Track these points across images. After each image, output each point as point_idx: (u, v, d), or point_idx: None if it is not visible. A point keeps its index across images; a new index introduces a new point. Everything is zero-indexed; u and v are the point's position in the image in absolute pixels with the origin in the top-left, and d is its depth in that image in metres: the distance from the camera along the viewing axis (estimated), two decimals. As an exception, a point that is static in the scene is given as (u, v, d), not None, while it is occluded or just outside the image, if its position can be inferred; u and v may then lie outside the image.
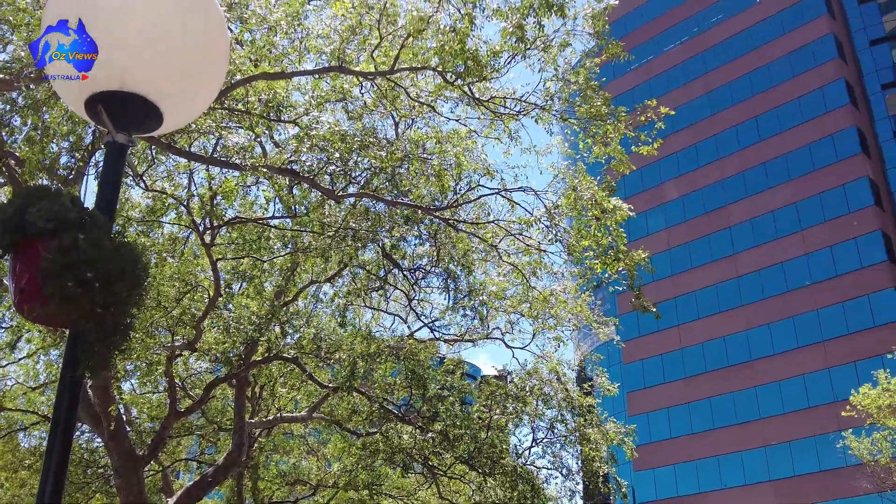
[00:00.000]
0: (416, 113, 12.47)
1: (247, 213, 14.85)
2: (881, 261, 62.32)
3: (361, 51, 11.03)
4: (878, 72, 69.99)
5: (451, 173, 11.86)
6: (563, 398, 19.50)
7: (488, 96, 11.59)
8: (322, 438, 31.58)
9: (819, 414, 59.46)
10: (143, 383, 19.81)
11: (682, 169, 77.50)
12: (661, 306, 74.34)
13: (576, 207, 11.47)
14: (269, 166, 10.63)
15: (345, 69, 10.56)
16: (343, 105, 12.12)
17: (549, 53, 10.44)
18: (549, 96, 11.13)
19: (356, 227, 14.30)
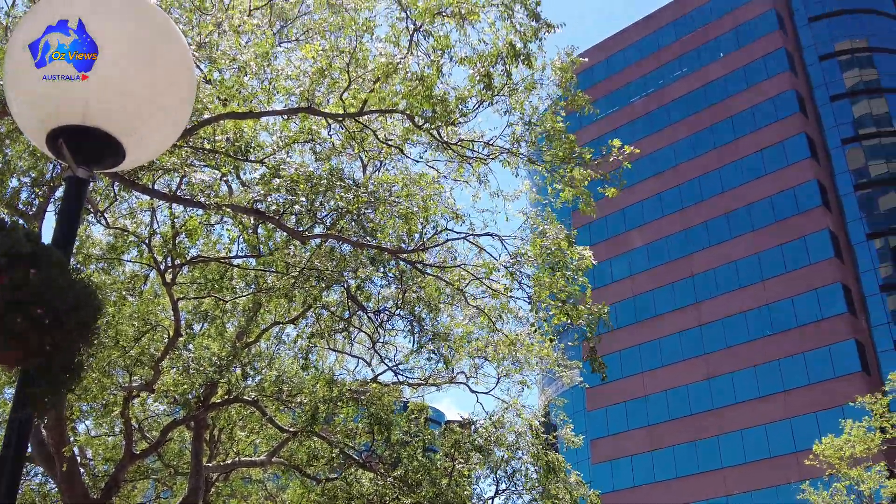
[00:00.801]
0: (385, 155, 12.49)
1: (210, 252, 14.68)
2: (841, 312, 63.17)
3: (331, 93, 11.05)
4: (838, 126, 71.65)
5: (418, 217, 11.85)
6: (530, 451, 19.34)
7: (456, 140, 11.65)
8: (281, 484, 31.06)
9: (781, 464, 59.66)
10: (99, 424, 19.35)
11: (646, 218, 78.37)
12: (625, 353, 75.03)
13: (541, 255, 11.51)
14: (234, 206, 10.54)
15: (314, 110, 10.56)
16: (311, 146, 12.10)
17: (515, 98, 10.54)
18: (516, 140, 11.22)
19: (321, 267, 14.20)
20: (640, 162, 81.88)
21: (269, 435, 23.83)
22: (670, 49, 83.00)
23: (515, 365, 22.43)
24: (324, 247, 14.81)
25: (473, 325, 18.01)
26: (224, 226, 13.51)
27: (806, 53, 75.95)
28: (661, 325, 73.11)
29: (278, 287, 14.89)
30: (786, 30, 76.64)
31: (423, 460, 17.67)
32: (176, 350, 16.57)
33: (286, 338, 20.81)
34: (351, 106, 10.87)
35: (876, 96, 71.91)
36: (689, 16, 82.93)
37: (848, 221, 68.15)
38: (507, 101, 10.74)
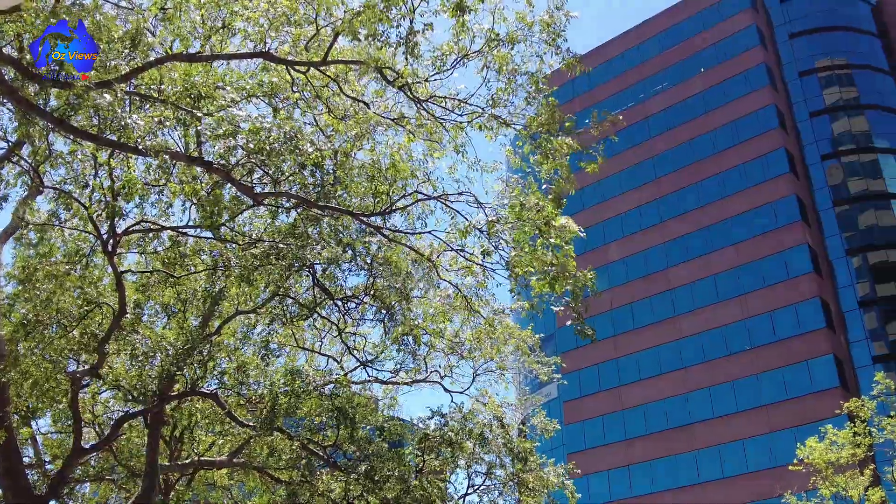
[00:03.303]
0: (352, 113, 11.44)
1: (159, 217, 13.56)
2: (820, 327, 62.79)
3: (294, 45, 10.06)
4: (817, 142, 71.59)
5: (385, 175, 10.84)
6: (502, 442, 18.34)
7: (429, 98, 10.65)
8: (246, 490, 29.88)
9: (759, 479, 58.91)
10: (43, 414, 18.16)
11: (625, 231, 77.93)
12: (603, 367, 74.28)
13: (520, 217, 10.53)
14: (176, 153, 9.49)
15: (273, 56, 9.56)
16: (270, 101, 11.07)
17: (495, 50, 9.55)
18: (494, 101, 10.25)
19: (283, 246, 13.12)
20: (620, 175, 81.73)
21: (232, 434, 22.66)
22: (652, 62, 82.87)
23: (492, 364, 21.48)
24: (285, 223, 13.78)
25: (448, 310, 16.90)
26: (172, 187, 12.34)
27: (786, 70, 76.02)
28: (640, 338, 72.50)
29: (238, 265, 13.80)
30: (767, 46, 76.73)
31: (389, 454, 16.55)
32: (122, 331, 15.37)
33: (246, 328, 19.64)
34: (315, 56, 9.86)
35: (855, 113, 71.98)
36: (672, 30, 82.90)
37: (827, 237, 67.96)
38: (486, 56, 9.79)
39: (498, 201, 11.74)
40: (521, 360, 20.42)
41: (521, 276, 11.73)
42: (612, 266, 76.02)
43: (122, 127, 9.32)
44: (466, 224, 11.85)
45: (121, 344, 16.25)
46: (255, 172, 10.62)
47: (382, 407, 24.10)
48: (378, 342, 20.91)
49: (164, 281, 16.84)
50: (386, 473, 15.78)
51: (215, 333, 18.39)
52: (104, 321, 16.74)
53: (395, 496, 15.96)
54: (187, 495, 26.80)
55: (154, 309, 19.90)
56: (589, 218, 73.73)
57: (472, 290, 14.95)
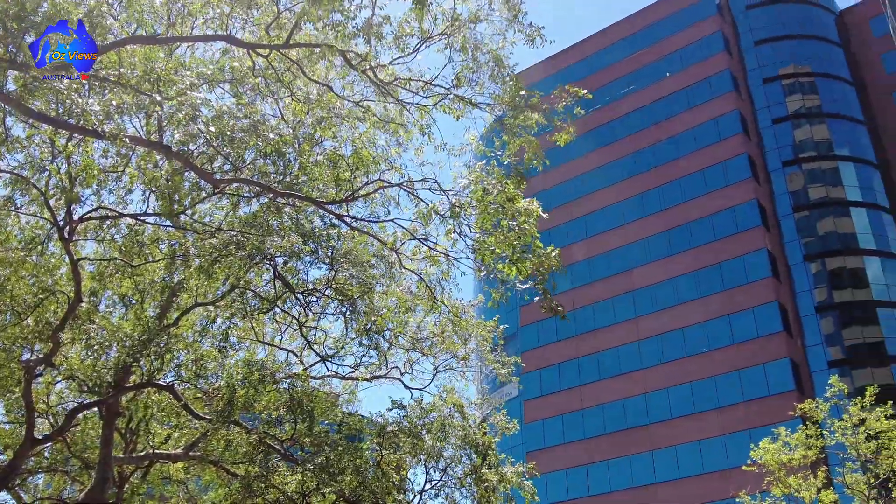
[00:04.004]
0: (316, 97, 11.32)
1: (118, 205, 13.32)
2: (777, 331, 63.65)
3: (255, 26, 9.93)
4: (779, 149, 72.52)
5: (347, 161, 10.75)
6: (462, 435, 18.30)
7: (393, 81, 10.58)
8: (202, 484, 29.61)
9: (714, 480, 59.60)
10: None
11: (588, 232, 78.39)
12: (564, 367, 74.73)
13: (483, 201, 10.50)
14: (135, 137, 9.34)
15: (235, 39, 9.43)
16: (232, 87, 10.92)
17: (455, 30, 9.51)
18: (458, 78, 10.21)
19: (244, 237, 12.96)
20: (585, 176, 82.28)
21: (187, 428, 22.39)
22: (620, 66, 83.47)
23: (452, 360, 21.48)
24: (247, 215, 13.62)
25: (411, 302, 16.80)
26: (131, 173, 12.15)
27: (750, 76, 76.91)
28: (601, 338, 72.99)
29: (197, 255, 13.62)
30: (732, 52, 77.61)
31: (346, 446, 16.44)
32: (77, 320, 15.10)
33: (205, 321, 19.40)
34: (277, 38, 9.75)
35: (817, 121, 73.02)
36: (639, 34, 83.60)
37: (786, 242, 68.88)
38: (449, 37, 9.75)
39: (461, 186, 11.70)
40: (482, 359, 20.43)
41: (486, 264, 11.72)
42: (575, 266, 76.39)
43: (80, 111, 9.12)
44: (429, 207, 11.79)
45: (76, 333, 15.97)
46: (216, 160, 10.48)
47: (342, 402, 23.99)
48: (339, 337, 20.80)
49: (122, 270, 16.58)
50: (342, 466, 15.66)
51: (173, 325, 18.15)
52: (59, 310, 16.46)
53: (352, 489, 15.85)
54: (142, 488, 26.47)
55: (111, 299, 19.61)
56: (554, 218, 74.06)
57: (436, 280, 14.90)
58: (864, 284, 65.35)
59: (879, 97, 73.55)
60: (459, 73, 10.51)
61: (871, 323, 63.86)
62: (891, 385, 58.54)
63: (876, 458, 31.09)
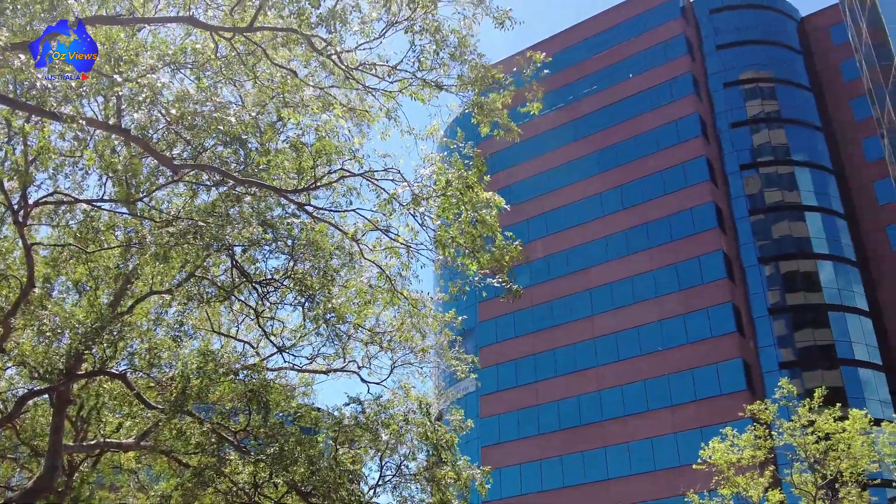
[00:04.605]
0: (279, 82, 11.16)
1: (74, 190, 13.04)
2: (730, 332, 64.56)
3: (218, 9, 9.76)
4: (737, 153, 73.48)
5: (309, 149, 10.62)
6: (419, 431, 18.25)
7: (358, 67, 10.48)
8: (154, 474, 29.26)
9: (665, 477, 60.35)
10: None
11: (549, 230, 78.77)
12: (521, 363, 75.06)
13: (445, 192, 10.45)
14: (94, 120, 9.12)
15: (198, 21, 9.25)
16: (193, 70, 10.72)
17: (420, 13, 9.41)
18: (421, 62, 10.13)
19: (202, 225, 12.75)
20: (545, 175, 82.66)
21: (139, 417, 22.06)
22: (584, 65, 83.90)
23: (410, 356, 21.41)
24: (206, 204, 13.41)
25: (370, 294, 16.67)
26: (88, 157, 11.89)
27: (711, 80, 77.81)
28: (558, 335, 73.44)
29: (153, 243, 13.37)
30: (694, 56, 78.40)
31: (299, 436, 16.29)
32: (30, 306, 14.78)
33: (159, 309, 19.12)
34: (240, 21, 9.59)
35: (775, 126, 74.11)
36: (603, 34, 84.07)
37: (741, 245, 69.87)
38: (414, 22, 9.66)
39: (422, 176, 11.64)
40: (440, 355, 20.40)
41: (446, 255, 11.68)
42: (535, 263, 76.81)
43: (38, 91, 8.87)
44: (390, 194, 11.70)
45: (28, 319, 15.63)
46: (175, 146, 10.29)
47: (298, 394, 23.81)
48: (297, 328, 20.61)
49: (76, 256, 16.25)
50: (295, 456, 15.52)
51: (127, 313, 17.86)
52: (11, 295, 16.10)
53: (304, 479, 15.72)
54: (92, 477, 26.07)
55: (65, 285, 19.27)
56: (515, 215, 74.40)
57: (396, 271, 14.83)
58: (817, 288, 66.55)
59: (837, 104, 74.89)
60: (422, 56, 10.44)
61: (822, 326, 65.09)
62: (840, 387, 59.79)
63: (824, 459, 31.66)
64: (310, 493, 16.85)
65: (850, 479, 31.32)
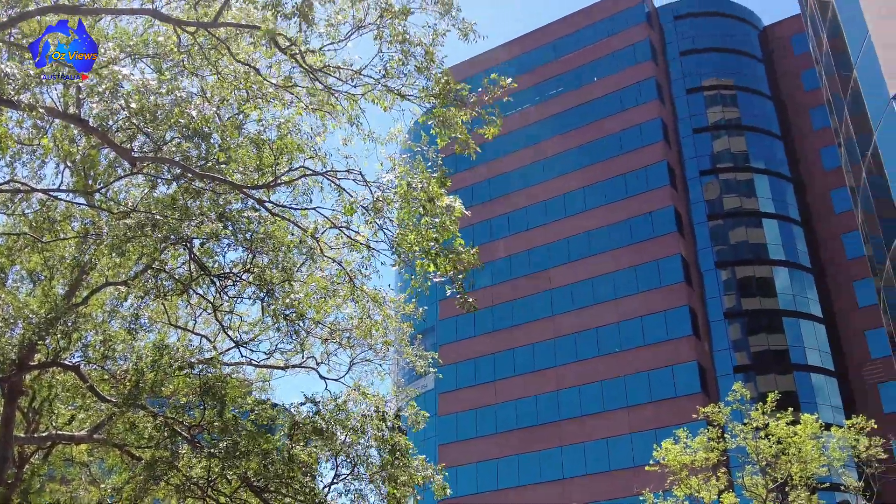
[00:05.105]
0: (243, 77, 11.10)
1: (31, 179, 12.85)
2: (686, 335, 65.39)
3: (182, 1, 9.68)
4: (698, 158, 74.43)
5: (271, 146, 10.58)
6: (374, 434, 18.24)
7: (323, 68, 10.46)
8: (106, 467, 28.91)
9: (620, 477, 60.94)
10: None
11: (511, 230, 79.09)
12: (480, 361, 75.27)
13: (406, 199, 10.49)
14: (52, 109, 9.00)
15: (160, 14, 9.17)
16: (155, 61, 10.63)
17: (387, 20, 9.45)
18: (387, 70, 10.16)
19: (160, 218, 12.65)
20: (511, 174, 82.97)
21: (92, 409, 21.79)
22: (548, 68, 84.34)
23: (370, 353, 21.40)
24: (165, 196, 13.30)
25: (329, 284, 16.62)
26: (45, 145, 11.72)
27: (674, 86, 78.71)
28: (518, 335, 73.79)
29: (110, 235, 13.23)
30: (658, 61, 79.19)
31: (253, 432, 16.21)
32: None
33: (115, 301, 18.90)
34: (204, 16, 9.53)
35: (735, 133, 75.19)
36: (570, 37, 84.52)
37: (699, 249, 70.79)
38: (381, 29, 9.68)
39: (386, 179, 11.66)
40: (399, 351, 20.41)
41: (405, 254, 11.71)
42: (497, 263, 77.11)
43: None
44: (352, 200, 11.72)
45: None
46: (136, 138, 10.19)
47: (255, 390, 23.67)
48: (255, 322, 20.50)
49: (32, 245, 16.01)
50: (248, 451, 15.44)
51: (82, 304, 17.64)
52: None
53: (256, 472, 15.65)
54: (43, 470, 25.71)
55: (19, 274, 18.99)
56: (477, 214, 74.66)
57: (356, 268, 14.81)
58: (772, 293, 67.67)
59: (797, 113, 76.16)
60: (389, 65, 10.46)
61: (776, 331, 66.22)
62: (792, 392, 60.87)
63: (775, 462, 32.20)
64: (263, 489, 16.79)
65: (799, 482, 31.91)
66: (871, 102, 28.46)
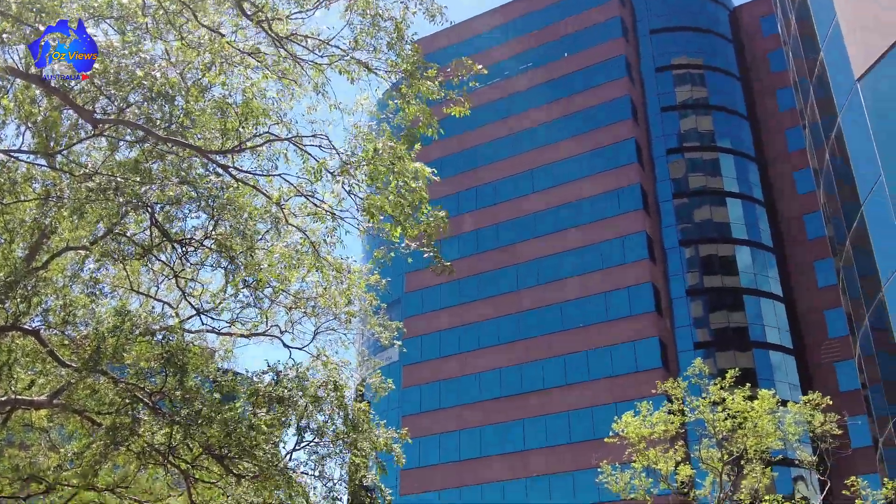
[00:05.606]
0: (208, 42, 10.96)
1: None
2: (649, 311, 66.14)
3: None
4: (665, 136, 74.91)
5: (235, 110, 10.49)
6: (336, 402, 18.28)
7: (289, 36, 10.37)
8: (66, 433, 28.73)
9: (580, 449, 61.69)
10: None
11: (479, 203, 79.18)
12: (445, 334, 75.61)
13: (373, 161, 10.46)
14: (12, 69, 8.86)
15: (124, -26, 9.03)
16: (119, 23, 10.45)
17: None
18: (357, 41, 10.10)
19: (122, 181, 12.51)
20: (479, 148, 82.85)
21: (52, 375, 21.59)
22: (518, 42, 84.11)
23: (334, 322, 21.38)
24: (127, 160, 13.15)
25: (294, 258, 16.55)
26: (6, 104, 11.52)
27: (644, 64, 78.93)
28: (483, 309, 74.17)
29: (71, 197, 13.06)
30: (628, 38, 79.29)
31: (216, 400, 16.19)
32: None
33: (76, 266, 18.68)
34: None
35: (703, 112, 75.74)
36: (541, 12, 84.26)
37: (664, 227, 71.46)
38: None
39: (352, 145, 11.63)
40: (364, 321, 20.43)
41: (373, 223, 11.71)
42: (463, 237, 77.27)
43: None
44: (319, 162, 11.65)
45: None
46: (98, 100, 10.04)
47: (218, 358, 23.58)
48: (218, 291, 20.39)
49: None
50: (211, 418, 15.43)
51: (42, 268, 17.42)
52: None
53: (218, 440, 15.66)
54: (2, 435, 25.49)
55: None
56: (445, 187, 74.59)
57: (322, 236, 14.77)
58: (734, 272, 68.61)
59: (763, 94, 76.83)
60: (358, 37, 10.39)
61: (737, 309, 67.24)
62: (751, 369, 61.95)
63: (731, 436, 32.83)
64: (224, 456, 16.80)
65: (754, 456, 32.58)
66: (836, 85, 28.81)
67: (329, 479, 19.26)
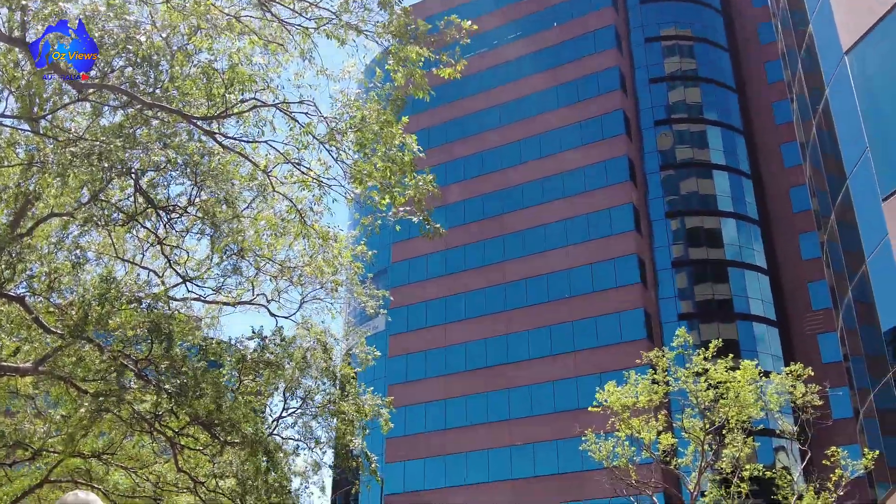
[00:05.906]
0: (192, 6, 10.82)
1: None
2: (634, 282, 66.45)
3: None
4: (653, 108, 74.78)
5: (221, 76, 10.39)
6: (323, 367, 18.33)
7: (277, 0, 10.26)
8: (52, 400, 28.75)
9: (564, 418, 62.23)
10: None
11: (466, 174, 79.04)
12: (431, 304, 75.77)
13: (360, 127, 10.39)
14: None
15: (107, -64, 8.90)
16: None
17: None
18: (345, 4, 9.99)
19: (106, 146, 12.39)
20: (465, 119, 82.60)
21: (37, 342, 21.54)
22: (507, 11, 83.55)
23: (321, 291, 21.39)
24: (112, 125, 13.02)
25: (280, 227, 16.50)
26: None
27: (633, 34, 78.55)
28: (469, 279, 74.31)
29: (55, 163, 12.94)
30: (618, 9, 78.86)
31: (204, 369, 16.21)
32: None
33: (61, 233, 18.56)
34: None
35: (691, 84, 75.60)
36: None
37: (650, 199, 71.57)
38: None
39: (339, 112, 11.53)
40: (350, 290, 20.46)
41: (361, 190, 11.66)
42: (451, 207, 77.19)
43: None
44: (304, 126, 11.56)
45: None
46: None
47: (203, 326, 23.59)
48: (203, 259, 20.33)
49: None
50: (199, 389, 15.46)
51: (27, 234, 17.32)
52: None
53: (207, 412, 15.71)
54: (-14, 402, 25.50)
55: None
56: (432, 158, 74.33)
57: (308, 205, 14.70)
58: (719, 244, 68.92)
59: (752, 66, 76.73)
60: (347, 5, 10.27)
61: (721, 281, 67.62)
62: (734, 340, 62.49)
63: (714, 406, 33.12)
64: (212, 424, 16.86)
65: (736, 425, 32.90)
66: (824, 58, 28.80)
67: (314, 439, 19.38)
